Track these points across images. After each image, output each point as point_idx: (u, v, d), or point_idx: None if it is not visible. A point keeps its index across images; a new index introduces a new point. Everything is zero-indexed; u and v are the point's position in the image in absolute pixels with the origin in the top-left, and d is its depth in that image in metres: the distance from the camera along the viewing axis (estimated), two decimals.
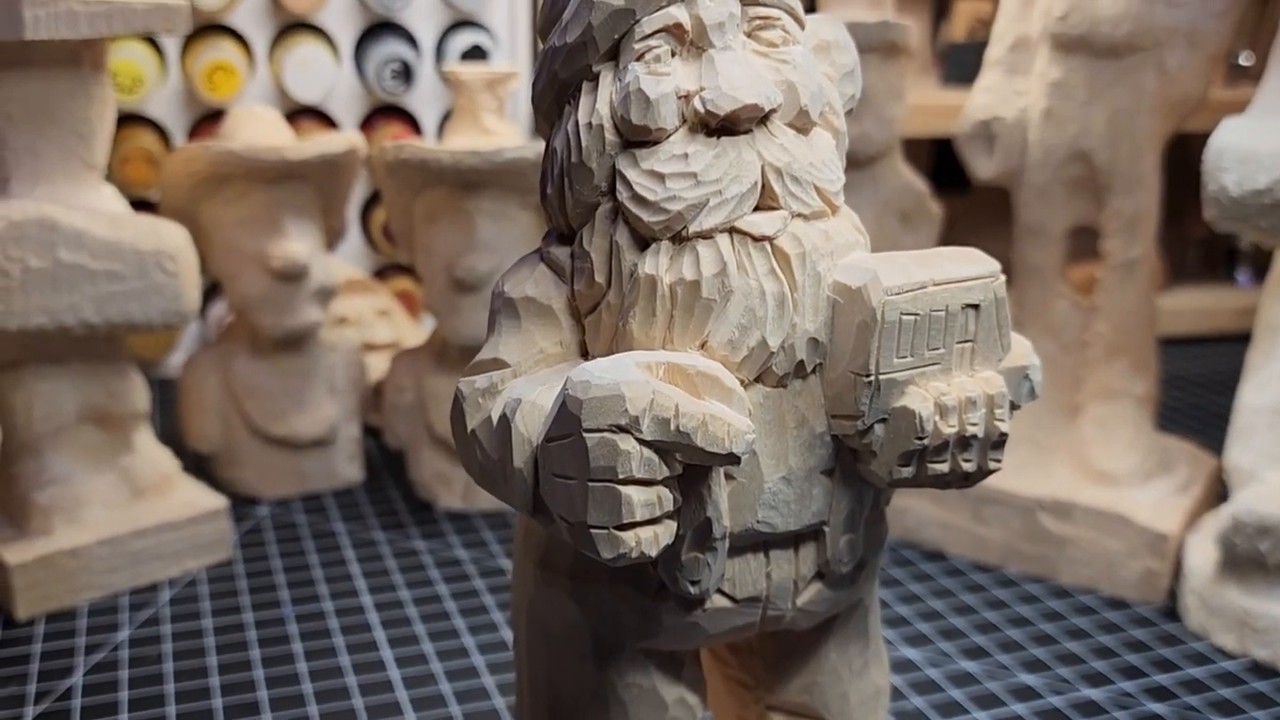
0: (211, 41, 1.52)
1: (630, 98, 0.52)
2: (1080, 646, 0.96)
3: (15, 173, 0.95)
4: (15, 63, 0.93)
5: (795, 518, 0.54)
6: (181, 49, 1.52)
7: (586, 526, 0.47)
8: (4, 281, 0.92)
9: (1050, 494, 1.06)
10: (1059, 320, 1.11)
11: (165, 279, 1.00)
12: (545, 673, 0.60)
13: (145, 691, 0.89)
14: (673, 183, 0.51)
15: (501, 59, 1.61)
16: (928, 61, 1.81)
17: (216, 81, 1.49)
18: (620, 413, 0.46)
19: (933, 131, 1.54)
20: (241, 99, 1.52)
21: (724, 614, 0.55)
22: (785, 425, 0.53)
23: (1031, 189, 1.08)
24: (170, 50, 1.51)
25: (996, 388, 0.53)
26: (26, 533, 1.01)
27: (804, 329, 0.52)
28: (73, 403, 1.02)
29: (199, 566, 1.07)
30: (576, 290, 0.54)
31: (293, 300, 1.17)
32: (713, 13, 0.52)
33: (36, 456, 1.01)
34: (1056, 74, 1.04)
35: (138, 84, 1.45)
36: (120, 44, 1.46)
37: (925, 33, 1.82)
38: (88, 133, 0.98)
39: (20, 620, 0.98)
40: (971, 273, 0.53)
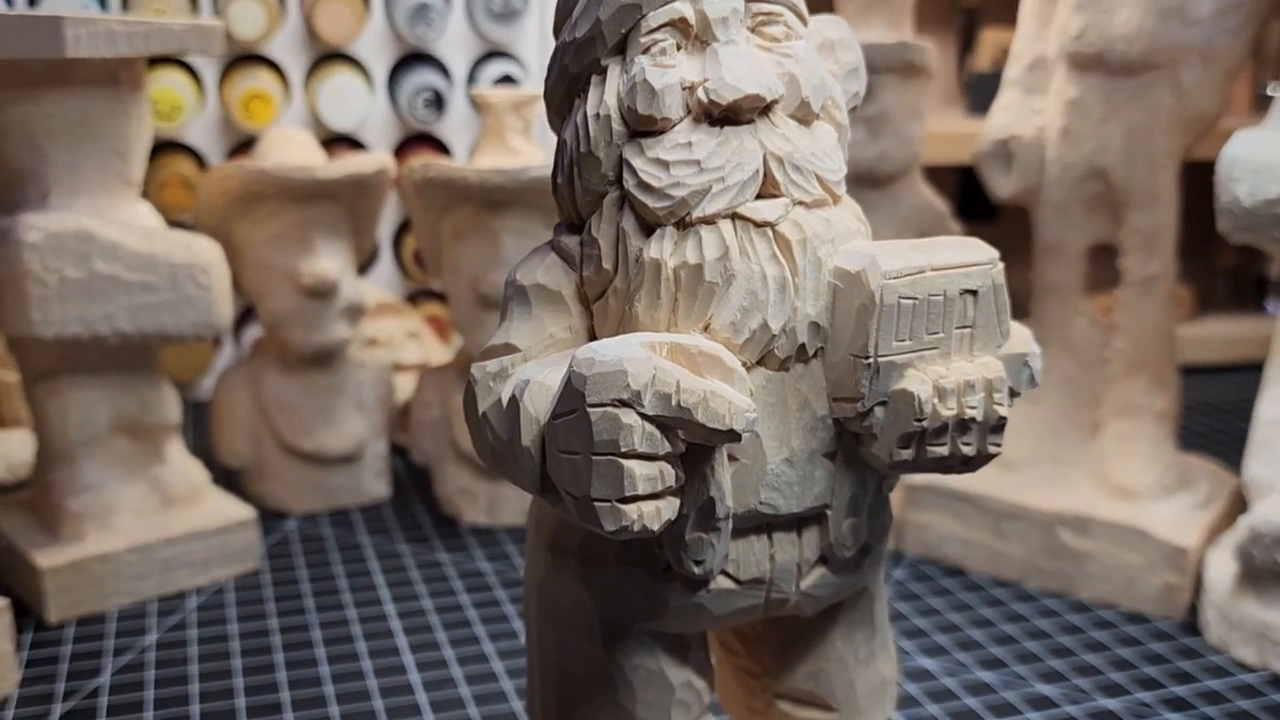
0: (249, 71, 1.56)
1: (637, 89, 0.54)
2: (1098, 659, 0.96)
3: (55, 187, 0.98)
4: (56, 81, 0.96)
5: (798, 500, 0.55)
6: (219, 78, 1.56)
7: (590, 499, 0.49)
8: (41, 291, 0.95)
9: (1069, 509, 1.06)
10: (1078, 338, 1.11)
11: (197, 291, 1.02)
12: (554, 655, 0.61)
13: (170, 692, 0.91)
14: (677, 170, 0.53)
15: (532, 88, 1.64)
16: (954, 91, 1.82)
17: (253, 110, 1.53)
18: (623, 387, 0.48)
19: (959, 160, 1.55)
20: (277, 127, 1.55)
21: (728, 595, 0.56)
22: (788, 408, 0.54)
23: (1049, 207, 1.09)
24: (209, 79, 1.55)
25: (995, 372, 0.54)
26: (59, 538, 1.03)
27: (805, 313, 0.53)
28: (106, 413, 1.05)
29: (227, 575, 1.09)
30: (585, 276, 0.56)
31: (322, 317, 1.19)
32: (716, 8, 0.54)
33: (70, 464, 1.04)
34: (1073, 92, 1.05)
35: (176, 112, 1.49)
36: (160, 73, 1.50)
37: (952, 63, 1.84)
38: (125, 150, 1.01)
39: (51, 623, 1.01)
40: (970, 259, 0.55)
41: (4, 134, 0.97)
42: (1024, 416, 1.14)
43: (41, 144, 0.97)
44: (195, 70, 1.55)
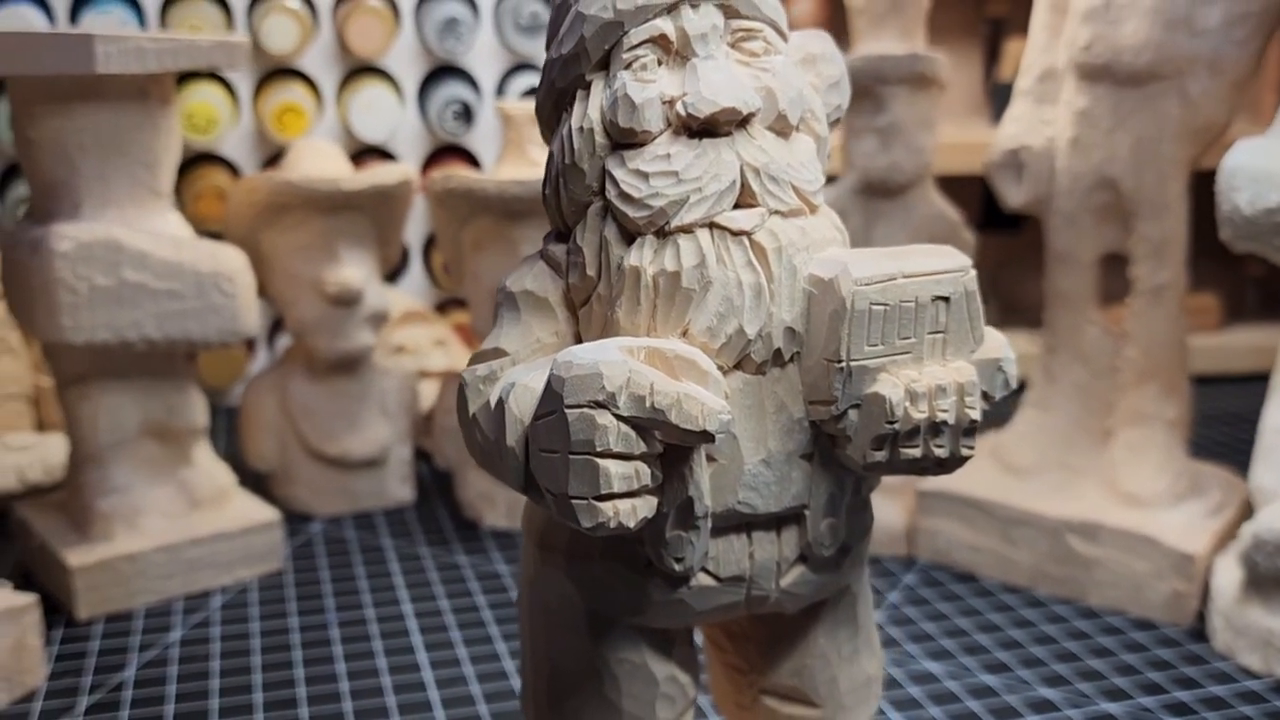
0: (282, 84, 1.59)
1: (618, 103, 0.56)
2: (1103, 664, 0.96)
3: (86, 198, 1.02)
4: (88, 96, 1.00)
5: (775, 500, 0.57)
6: (254, 91, 1.60)
7: (568, 497, 0.51)
8: (72, 298, 0.98)
9: (1079, 516, 1.06)
10: (1090, 346, 1.12)
11: (223, 299, 1.05)
12: (545, 648, 0.63)
13: (191, 687, 0.94)
14: (656, 180, 0.55)
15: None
16: (980, 100, 1.83)
17: (286, 122, 1.57)
18: (598, 389, 0.50)
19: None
20: (305, 139, 1.59)
21: (709, 592, 0.58)
22: (764, 410, 0.56)
23: (1060, 216, 1.10)
24: (243, 92, 1.59)
25: (967, 376, 0.56)
26: (89, 538, 1.06)
27: (780, 318, 0.55)
28: (135, 417, 1.08)
29: (251, 576, 1.12)
30: (571, 283, 0.58)
31: (346, 325, 1.22)
32: (696, 25, 0.56)
33: (100, 466, 1.07)
34: (1082, 103, 1.06)
35: (211, 125, 1.53)
36: (196, 87, 1.54)
37: (977, 73, 1.85)
38: (154, 162, 1.05)
39: (80, 620, 1.04)
40: (942, 266, 0.56)
41: (38, 147, 1.01)
42: (1035, 423, 1.15)
43: (73, 157, 1.01)
44: (230, 84, 1.59)
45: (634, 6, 0.56)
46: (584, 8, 0.57)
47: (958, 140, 1.57)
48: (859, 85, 1.13)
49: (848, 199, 1.16)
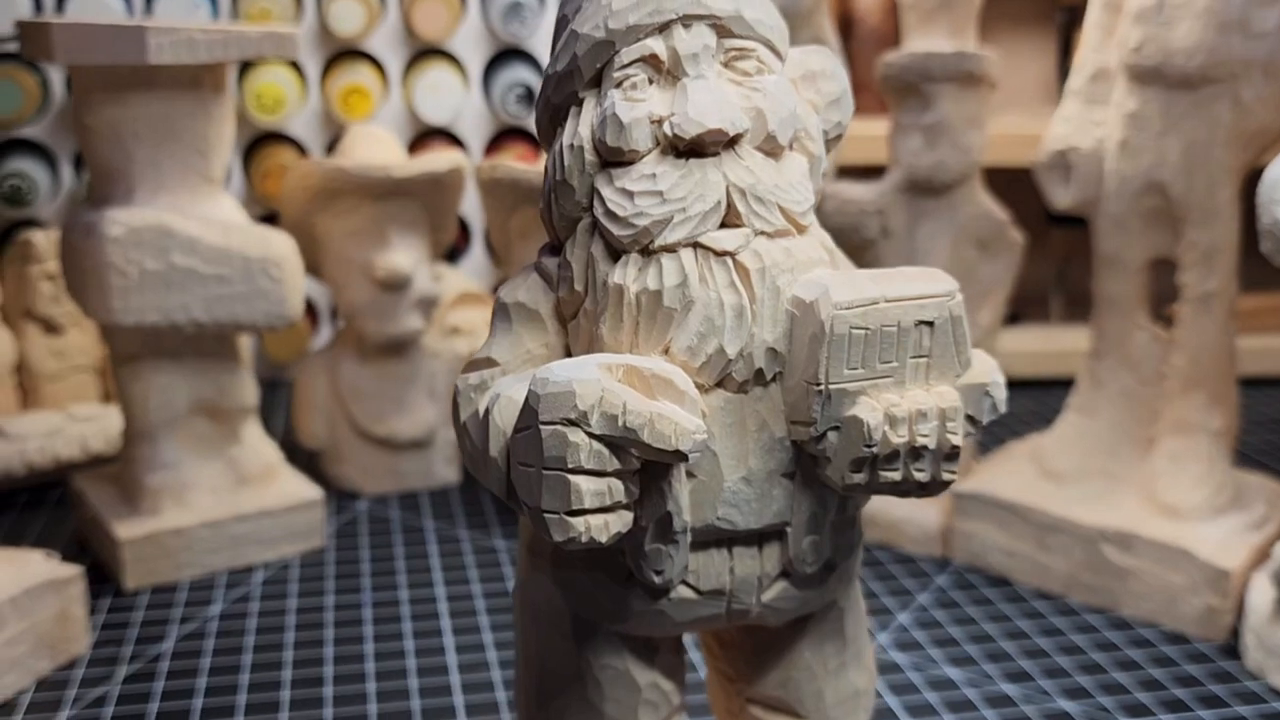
0: (350, 66, 1.62)
1: (607, 122, 0.56)
2: (1128, 678, 0.95)
3: (139, 184, 1.05)
4: (142, 84, 1.03)
5: (756, 516, 0.57)
6: (321, 73, 1.63)
7: (541, 511, 0.52)
8: (123, 281, 1.02)
9: (1114, 525, 1.05)
10: (1138, 352, 1.10)
11: (270, 284, 1.08)
12: (535, 650, 0.64)
13: (225, 661, 0.97)
14: (641, 200, 0.55)
15: None
16: (1054, 90, 1.80)
17: (352, 103, 1.59)
18: (570, 407, 0.51)
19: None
20: (374, 121, 1.62)
21: (689, 604, 0.59)
22: (746, 428, 0.57)
23: (1108, 219, 1.08)
24: (311, 74, 1.62)
25: (949, 402, 0.55)
26: (138, 512, 1.10)
27: (762, 339, 0.56)
28: (185, 396, 1.12)
29: (294, 552, 1.16)
30: (561, 297, 0.59)
31: (395, 309, 1.25)
32: (687, 44, 0.57)
33: (151, 443, 1.11)
34: (1132, 105, 1.04)
35: (279, 105, 1.56)
36: (266, 68, 1.57)
37: (1052, 62, 1.81)
38: (206, 149, 1.08)
39: (128, 590, 1.08)
40: (927, 291, 0.56)
41: (94, 134, 1.04)
42: (1079, 428, 1.13)
43: (128, 144, 1.04)
44: (299, 66, 1.62)
45: (625, 26, 0.57)
46: (578, 25, 0.58)
47: (1029, 131, 1.54)
48: (905, 82, 1.12)
49: (892, 196, 1.15)
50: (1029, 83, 1.76)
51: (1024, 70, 1.78)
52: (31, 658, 0.93)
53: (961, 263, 1.14)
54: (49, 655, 0.95)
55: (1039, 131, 1.56)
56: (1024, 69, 1.79)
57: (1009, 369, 1.67)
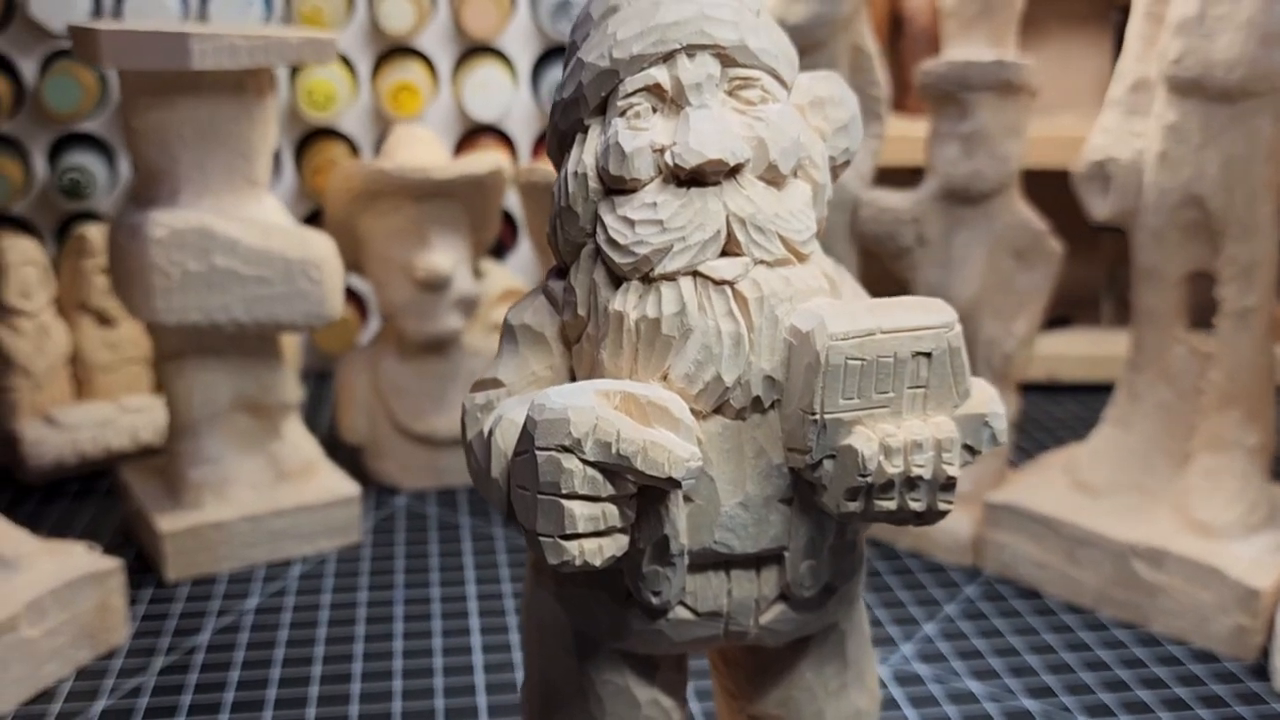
0: (400, 63, 1.64)
1: (610, 150, 0.57)
2: (1151, 695, 0.95)
3: (184, 186, 1.08)
4: (187, 89, 1.05)
5: (753, 541, 0.58)
6: (372, 69, 1.65)
7: (536, 534, 0.53)
8: (165, 282, 1.04)
9: (1145, 541, 1.04)
10: (1176, 366, 1.09)
11: (310, 285, 1.10)
12: (539, 663, 0.66)
13: (257, 655, 0.99)
14: (641, 229, 0.56)
15: None
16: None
17: (401, 101, 1.61)
18: (565, 434, 0.52)
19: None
20: (424, 118, 1.64)
21: (687, 625, 0.60)
22: (744, 455, 0.57)
23: (1146, 232, 1.07)
24: (363, 70, 1.64)
25: (946, 432, 0.56)
26: (180, 505, 1.13)
27: (760, 367, 0.56)
28: (227, 392, 1.14)
29: (331, 547, 1.18)
30: (565, 320, 0.60)
31: (435, 308, 1.26)
32: (691, 74, 0.57)
33: (194, 438, 1.14)
34: (1172, 117, 1.03)
35: (330, 101, 1.58)
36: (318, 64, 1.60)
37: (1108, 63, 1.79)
38: (250, 152, 1.10)
39: (169, 582, 1.11)
40: (924, 322, 0.56)
41: (141, 136, 1.06)
42: (1114, 441, 1.12)
43: (173, 147, 1.06)
44: (350, 63, 1.64)
45: (629, 55, 0.57)
46: (584, 54, 0.59)
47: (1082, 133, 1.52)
48: (943, 91, 1.11)
49: (928, 204, 1.15)
50: (1083, 83, 1.74)
51: (1078, 71, 1.76)
52: (72, 648, 0.96)
53: (998, 272, 1.13)
54: (89, 645, 0.98)
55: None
56: (1078, 69, 1.76)
57: (1057, 372, 1.67)
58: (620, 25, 0.58)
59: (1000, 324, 1.13)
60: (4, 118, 1.54)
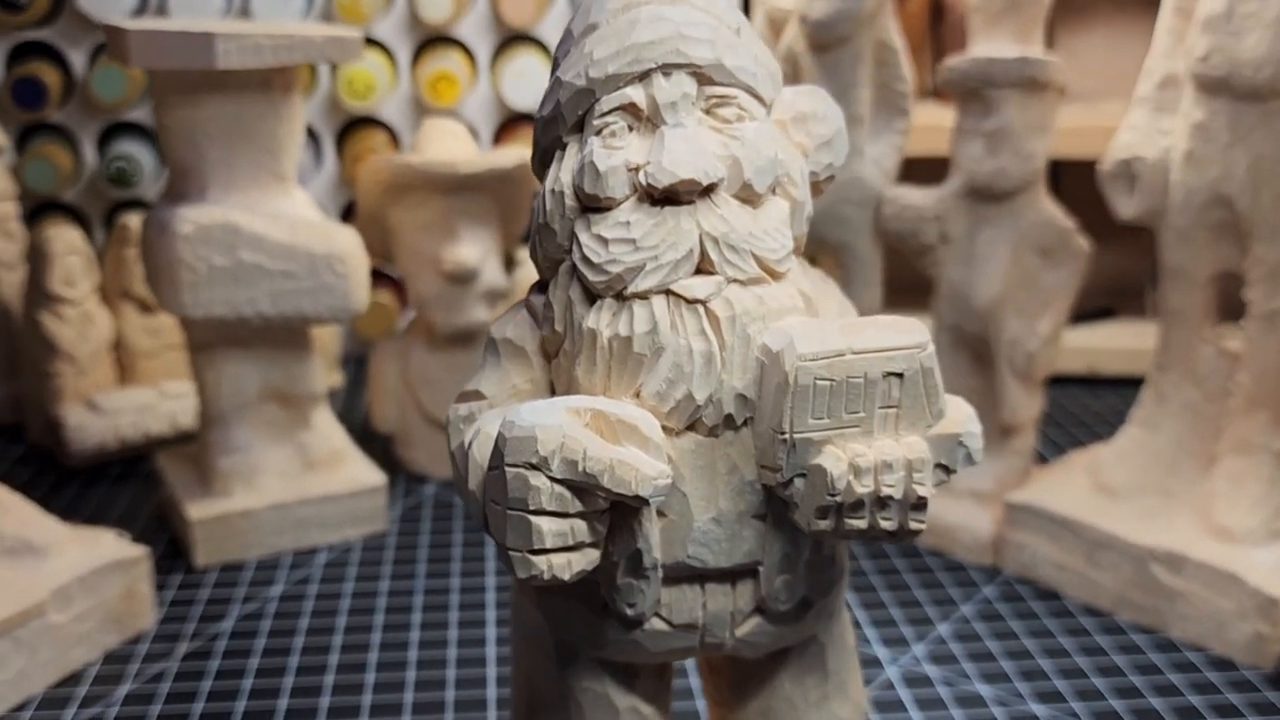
0: (440, 52, 1.65)
1: (585, 169, 0.58)
2: (1163, 703, 0.94)
3: (212, 182, 1.10)
4: (214, 87, 1.07)
5: (726, 556, 0.59)
6: (412, 59, 1.66)
7: (506, 548, 0.54)
8: (192, 277, 1.07)
9: (1164, 545, 1.03)
10: (1203, 367, 1.07)
11: (335, 279, 1.12)
12: (524, 669, 0.67)
13: (278, 643, 1.02)
14: (614, 247, 0.57)
15: None
16: None
17: (440, 90, 1.62)
18: (532, 452, 0.53)
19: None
20: (462, 107, 1.65)
21: (663, 636, 0.61)
22: (716, 471, 0.58)
23: (1173, 231, 1.06)
24: (402, 59, 1.66)
25: (918, 453, 0.56)
26: (210, 493, 1.16)
27: (731, 385, 0.57)
28: (256, 383, 1.17)
29: (357, 535, 1.20)
30: (544, 335, 0.61)
31: (462, 301, 1.28)
32: (666, 93, 0.58)
33: (223, 427, 1.16)
34: (1199, 115, 1.01)
35: (369, 90, 1.60)
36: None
37: None
38: (276, 148, 1.12)
39: (198, 568, 1.14)
40: (896, 343, 0.56)
41: (171, 133, 1.09)
42: (1138, 443, 1.11)
43: (201, 144, 1.08)
44: (390, 52, 1.65)
45: (605, 75, 0.58)
46: (562, 73, 0.59)
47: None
48: (967, 87, 1.10)
49: (952, 202, 1.14)
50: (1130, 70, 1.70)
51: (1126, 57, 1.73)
52: (99, 632, 0.99)
53: (1023, 270, 1.12)
54: (116, 630, 1.01)
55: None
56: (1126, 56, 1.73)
57: (1098, 365, 1.65)
58: (597, 44, 0.58)
59: (1024, 323, 1.12)
60: (54, 107, 1.58)
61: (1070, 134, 1.54)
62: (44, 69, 1.56)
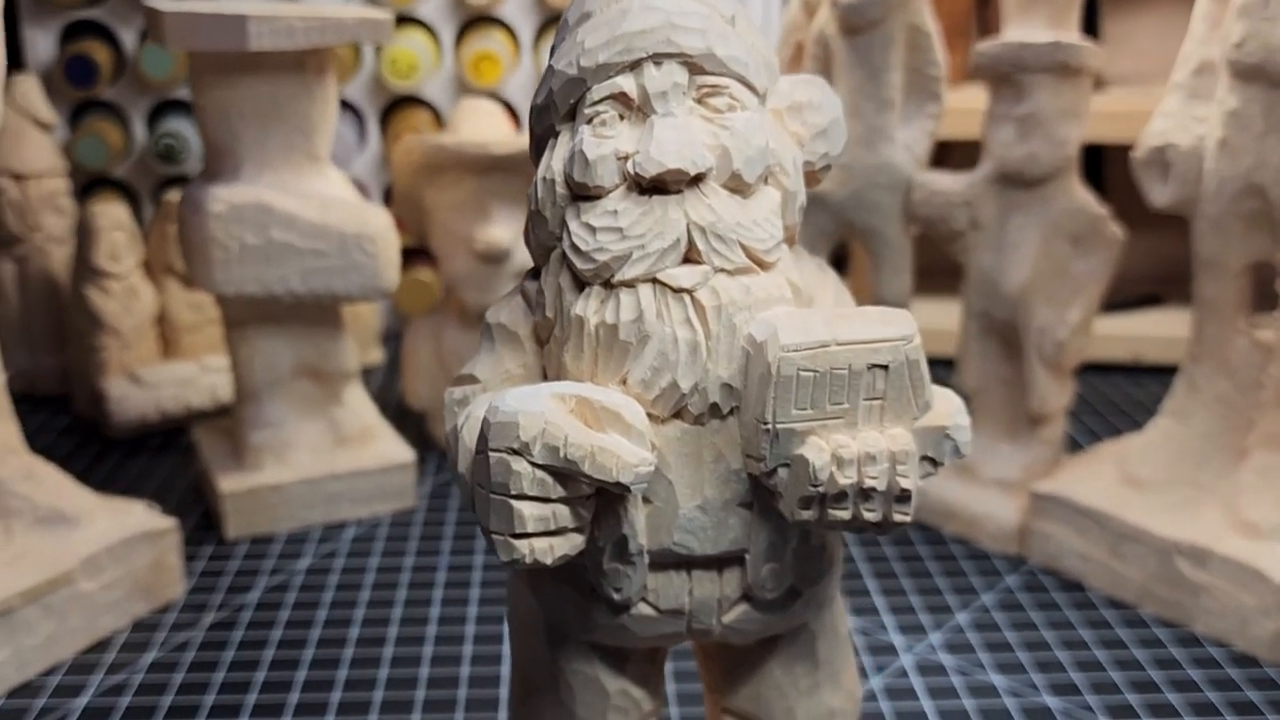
0: (484, 32, 1.66)
1: (575, 157, 0.58)
2: (1180, 698, 0.93)
3: (246, 162, 1.11)
4: (248, 69, 1.08)
5: (712, 543, 0.59)
6: (455, 38, 1.67)
7: (489, 531, 0.55)
8: (224, 254, 1.09)
9: (1188, 538, 1.02)
10: (1237, 358, 1.06)
11: (365, 258, 1.14)
12: (519, 652, 0.68)
13: (300, 615, 1.04)
14: (602, 235, 0.57)
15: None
16: None
17: (482, 70, 1.63)
18: (514, 438, 0.53)
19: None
20: (504, 87, 1.66)
21: (650, 621, 0.61)
22: (702, 459, 0.58)
23: (1206, 221, 1.04)
24: (446, 39, 1.67)
25: (902, 445, 0.56)
26: (242, 467, 1.18)
27: (717, 374, 0.57)
28: (288, 360, 1.18)
29: (386, 511, 1.22)
30: (536, 321, 0.62)
31: (493, 280, 1.29)
32: (657, 82, 0.58)
33: (256, 402, 1.18)
34: (1233, 103, 0.99)
35: (412, 70, 1.62)
36: (403, 33, 1.63)
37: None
38: (309, 128, 1.13)
39: (229, 539, 1.16)
40: (881, 335, 0.56)
41: (206, 114, 1.11)
42: (1169, 434, 1.10)
43: (235, 124, 1.10)
44: (434, 32, 1.67)
45: (596, 64, 0.58)
46: (555, 61, 0.60)
47: None
48: (999, 72, 1.09)
49: (982, 187, 1.13)
50: None
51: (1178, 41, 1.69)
52: (128, 600, 1.02)
53: (1053, 257, 1.11)
54: (145, 599, 1.03)
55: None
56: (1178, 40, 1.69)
57: (1143, 353, 1.62)
58: (589, 33, 0.59)
59: (1054, 311, 1.11)
60: (105, 85, 1.61)
61: (1119, 119, 1.52)
62: (95, 47, 1.59)
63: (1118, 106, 1.54)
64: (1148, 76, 1.70)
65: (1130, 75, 1.74)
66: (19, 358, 1.49)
